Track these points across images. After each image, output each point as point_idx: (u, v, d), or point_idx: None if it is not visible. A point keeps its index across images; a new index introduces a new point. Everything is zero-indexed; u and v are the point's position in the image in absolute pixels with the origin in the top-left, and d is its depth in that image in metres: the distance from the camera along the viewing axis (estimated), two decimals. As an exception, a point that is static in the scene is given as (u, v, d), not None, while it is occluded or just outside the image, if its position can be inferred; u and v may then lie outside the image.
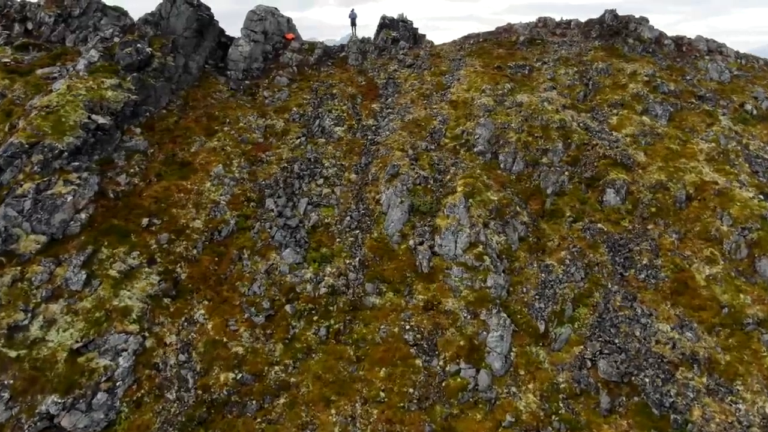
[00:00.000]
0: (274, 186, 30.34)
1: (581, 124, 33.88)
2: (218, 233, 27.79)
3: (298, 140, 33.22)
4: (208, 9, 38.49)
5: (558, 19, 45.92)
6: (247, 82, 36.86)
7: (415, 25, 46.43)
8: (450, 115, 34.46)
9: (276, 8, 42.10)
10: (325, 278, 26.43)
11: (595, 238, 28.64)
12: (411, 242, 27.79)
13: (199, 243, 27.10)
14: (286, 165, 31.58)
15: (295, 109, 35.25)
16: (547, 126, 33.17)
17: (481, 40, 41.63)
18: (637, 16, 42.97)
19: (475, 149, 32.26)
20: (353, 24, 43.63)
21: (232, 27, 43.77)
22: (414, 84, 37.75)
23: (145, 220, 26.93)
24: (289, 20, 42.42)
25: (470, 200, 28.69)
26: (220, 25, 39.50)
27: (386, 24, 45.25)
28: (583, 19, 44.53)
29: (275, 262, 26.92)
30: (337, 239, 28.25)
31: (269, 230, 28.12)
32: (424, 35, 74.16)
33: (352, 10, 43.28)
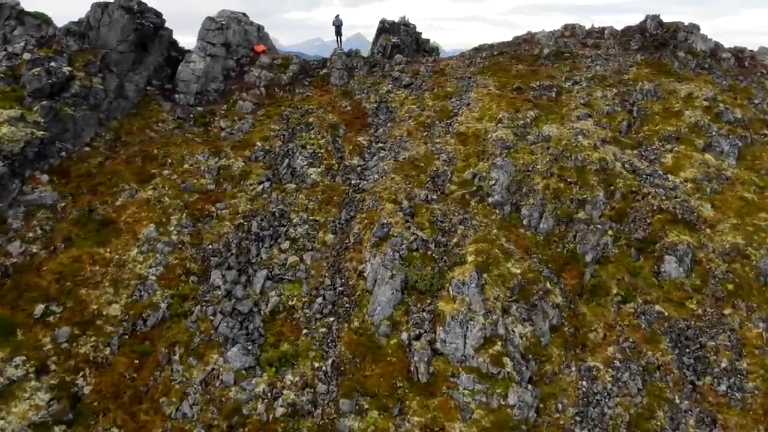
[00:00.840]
0: (224, 252, 24.09)
1: (627, 165, 27.62)
2: (143, 323, 21.61)
3: (261, 186, 27.02)
4: (158, 15, 32.33)
5: (588, 26, 39.65)
6: (199, 108, 30.68)
7: (418, 29, 43.01)
8: (457, 152, 28.14)
9: (244, 14, 36.02)
10: (284, 392, 20.14)
11: (652, 327, 22.31)
12: (404, 335, 21.49)
13: (115, 338, 20.90)
14: (242, 221, 25.33)
15: (259, 143, 29.01)
16: (583, 168, 26.85)
17: (495, 53, 35.38)
18: (685, 23, 36.65)
19: (491, 199, 25.96)
20: (338, 33, 37.51)
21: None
22: (412, 110, 31.50)
23: (39, 308, 20.79)
24: (260, 28, 36.30)
25: (484, 275, 22.37)
26: (178, 34, 33.33)
27: (386, 28, 40.90)
28: (608, 26, 38.26)
29: (217, 366, 20.62)
30: (304, 330, 21.95)
31: (212, 318, 21.84)
32: (428, 40, 69.00)
33: (337, 16, 37.19)
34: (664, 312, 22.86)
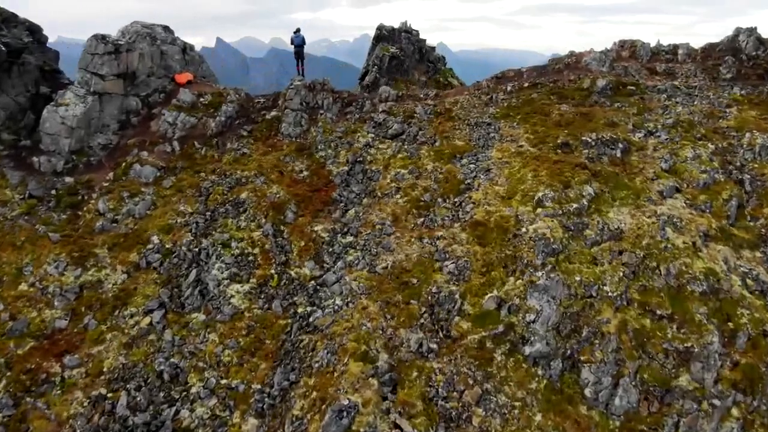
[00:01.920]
0: (57, 465, 14.09)
1: (751, 281, 17.78)
2: None
3: (147, 319, 17.20)
4: (32, 31, 22.70)
5: (652, 42, 29.89)
6: (70, 178, 21.17)
7: (423, 33, 38.98)
8: (472, 257, 18.39)
9: (165, 27, 26.60)
10: None
11: None
12: None
13: None
14: (103, 392, 15.50)
15: (156, 239, 19.36)
16: (679, 289, 17.36)
17: (526, 84, 25.68)
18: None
19: (529, 349, 16.38)
20: (298, 56, 27.84)
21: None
22: (402, 176, 21.86)
23: None
24: (187, 48, 26.75)
25: None
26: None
27: (384, 36, 36.69)
28: (682, 44, 28.62)
29: None
30: None
31: None
32: (433, 48, 61.88)
33: (297, 32, 27.40)
34: None
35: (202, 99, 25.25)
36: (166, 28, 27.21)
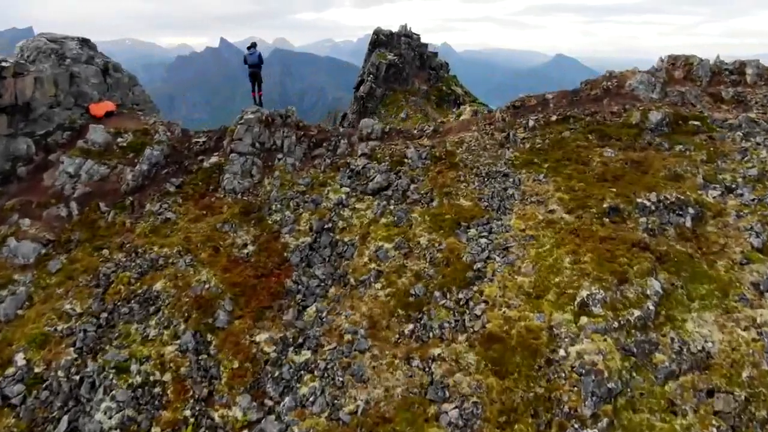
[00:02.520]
0: None
1: None
2: None
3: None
4: None
5: (711, 58, 24.05)
6: None
7: (426, 33, 35.77)
8: (484, 398, 12.57)
9: (81, 41, 20.79)
10: None
11: None
12: None
13: None
14: None
15: (21, 359, 13.54)
16: (809, 460, 10.87)
17: (554, 117, 19.84)
18: None
19: None
20: (254, 78, 21.72)
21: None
22: (385, 254, 16.15)
23: None
24: (110, 68, 20.88)
25: None
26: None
27: (381, 41, 36.90)
28: (752, 60, 23.58)
29: None
30: None
31: None
32: (435, 54, 56.54)
33: (251, 47, 21.34)
34: None
35: (120, 139, 19.39)
36: (83, 42, 21.42)
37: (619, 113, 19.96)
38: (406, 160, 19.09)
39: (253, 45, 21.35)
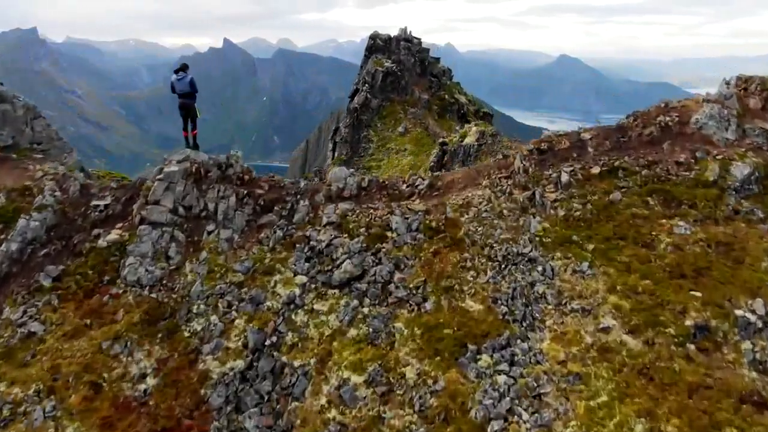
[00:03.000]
0: None
1: None
2: None
3: None
4: None
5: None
6: None
7: (427, 34, 31.84)
8: None
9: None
10: None
11: None
12: None
13: None
14: None
15: None
16: None
17: (596, 169, 14.12)
18: None
19: None
20: (186, 111, 15.97)
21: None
22: (352, 393, 11.07)
23: None
24: (5, 98, 15.28)
25: None
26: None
27: (378, 46, 36.72)
28: None
29: None
30: None
31: None
32: (437, 59, 51.54)
33: (179, 72, 15.63)
34: None
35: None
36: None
37: (687, 165, 14.31)
38: (389, 234, 13.52)
39: (183, 68, 15.69)
